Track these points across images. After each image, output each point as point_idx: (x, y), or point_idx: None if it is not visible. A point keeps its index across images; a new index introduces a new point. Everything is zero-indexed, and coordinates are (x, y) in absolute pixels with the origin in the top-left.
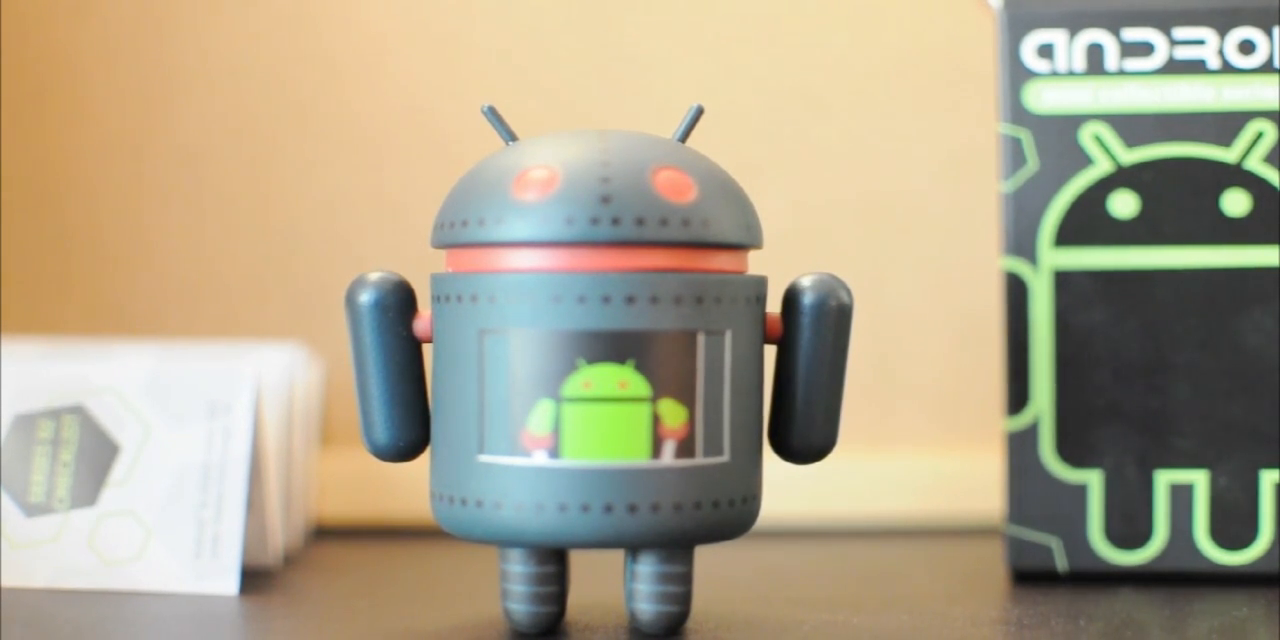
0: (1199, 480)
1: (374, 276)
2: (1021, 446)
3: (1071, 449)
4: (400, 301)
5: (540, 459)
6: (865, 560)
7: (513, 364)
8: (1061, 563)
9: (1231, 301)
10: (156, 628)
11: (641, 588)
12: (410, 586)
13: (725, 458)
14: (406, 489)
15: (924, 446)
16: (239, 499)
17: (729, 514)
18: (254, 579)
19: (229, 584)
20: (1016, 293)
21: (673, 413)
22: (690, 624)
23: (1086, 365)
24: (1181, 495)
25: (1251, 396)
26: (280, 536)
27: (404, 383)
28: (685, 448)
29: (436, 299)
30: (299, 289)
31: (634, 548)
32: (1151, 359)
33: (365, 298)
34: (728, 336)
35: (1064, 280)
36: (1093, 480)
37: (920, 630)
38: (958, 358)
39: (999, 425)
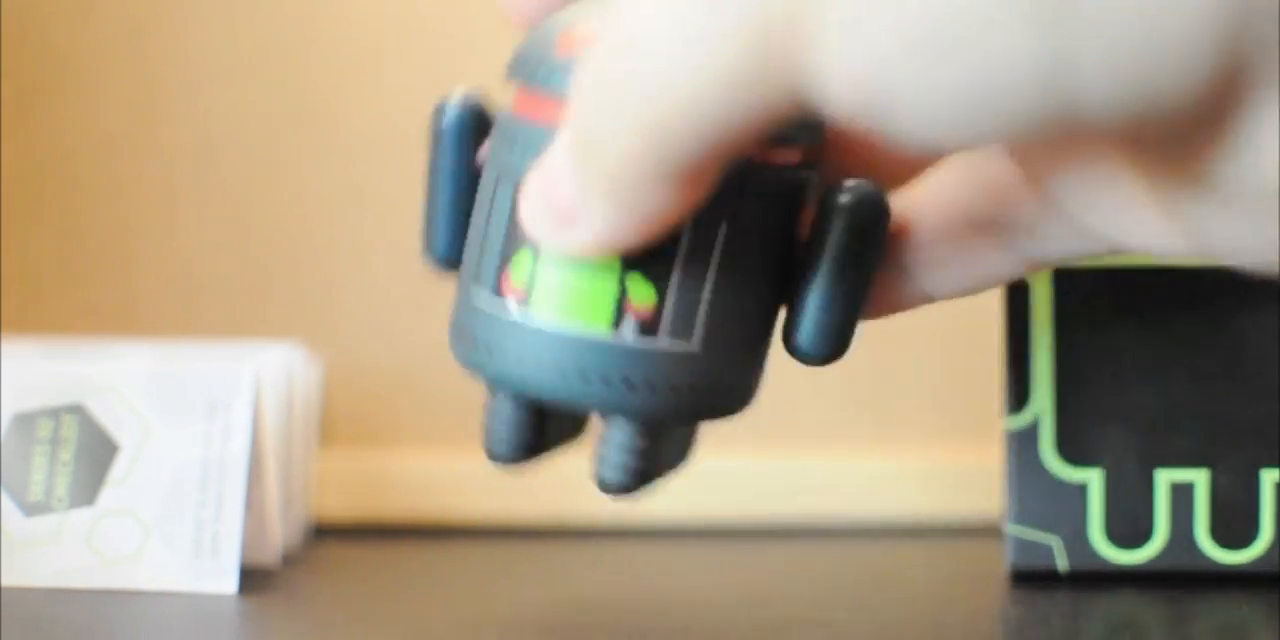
0: (1199, 480)
1: (470, 92)
2: (1021, 446)
3: (1071, 448)
4: (483, 122)
5: (514, 308)
6: (865, 560)
7: (512, 210)
8: (1061, 562)
9: (1231, 301)
10: (156, 628)
11: (602, 452)
12: (410, 586)
13: (693, 346)
14: (406, 489)
15: (924, 446)
16: (238, 498)
17: (689, 401)
18: (253, 579)
19: (228, 583)
20: (1016, 292)
21: (640, 290)
22: (690, 624)
23: (1086, 365)
24: (1182, 494)
25: (1251, 396)
26: (280, 536)
27: (468, 199)
28: (648, 327)
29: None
30: (299, 289)
31: (601, 413)
32: (1151, 359)
33: (454, 110)
34: (723, 224)
35: (1064, 280)
36: (1093, 480)
37: (920, 630)
38: (958, 357)
39: (999, 425)
